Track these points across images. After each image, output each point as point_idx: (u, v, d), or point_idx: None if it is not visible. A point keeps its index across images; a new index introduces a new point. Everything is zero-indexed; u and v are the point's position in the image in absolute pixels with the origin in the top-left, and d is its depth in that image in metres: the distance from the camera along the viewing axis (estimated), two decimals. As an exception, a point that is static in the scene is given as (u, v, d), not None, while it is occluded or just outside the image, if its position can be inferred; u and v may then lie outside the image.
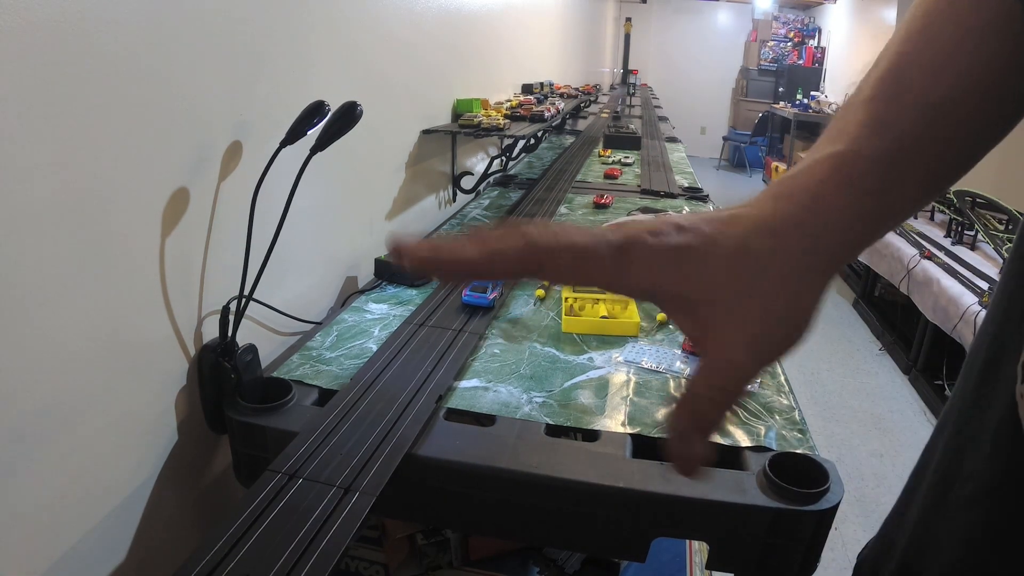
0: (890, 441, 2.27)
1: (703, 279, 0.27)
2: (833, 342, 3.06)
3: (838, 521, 1.02)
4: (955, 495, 0.39)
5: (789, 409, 0.68)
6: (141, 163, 0.57)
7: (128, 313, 0.58)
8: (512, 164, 2.03)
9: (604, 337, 0.84)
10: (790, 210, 0.28)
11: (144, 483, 0.63)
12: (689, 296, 0.28)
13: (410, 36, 1.20)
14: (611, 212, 1.49)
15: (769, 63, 8.15)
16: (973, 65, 0.30)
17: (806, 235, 0.28)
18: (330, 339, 0.81)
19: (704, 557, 0.92)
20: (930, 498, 0.42)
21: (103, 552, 0.59)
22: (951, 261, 2.54)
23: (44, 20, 0.46)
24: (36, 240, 0.48)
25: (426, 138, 1.33)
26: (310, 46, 0.85)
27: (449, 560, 0.83)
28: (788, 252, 0.28)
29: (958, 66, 0.30)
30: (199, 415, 0.70)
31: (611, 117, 3.39)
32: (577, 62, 4.17)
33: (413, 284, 0.99)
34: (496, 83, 1.99)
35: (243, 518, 0.49)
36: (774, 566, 0.55)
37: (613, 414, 0.66)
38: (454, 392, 0.70)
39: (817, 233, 0.28)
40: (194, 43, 0.62)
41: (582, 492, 0.55)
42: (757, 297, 0.27)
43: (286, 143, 0.68)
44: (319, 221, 0.92)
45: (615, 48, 7.48)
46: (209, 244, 0.68)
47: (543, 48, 2.86)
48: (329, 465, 0.55)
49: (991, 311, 0.39)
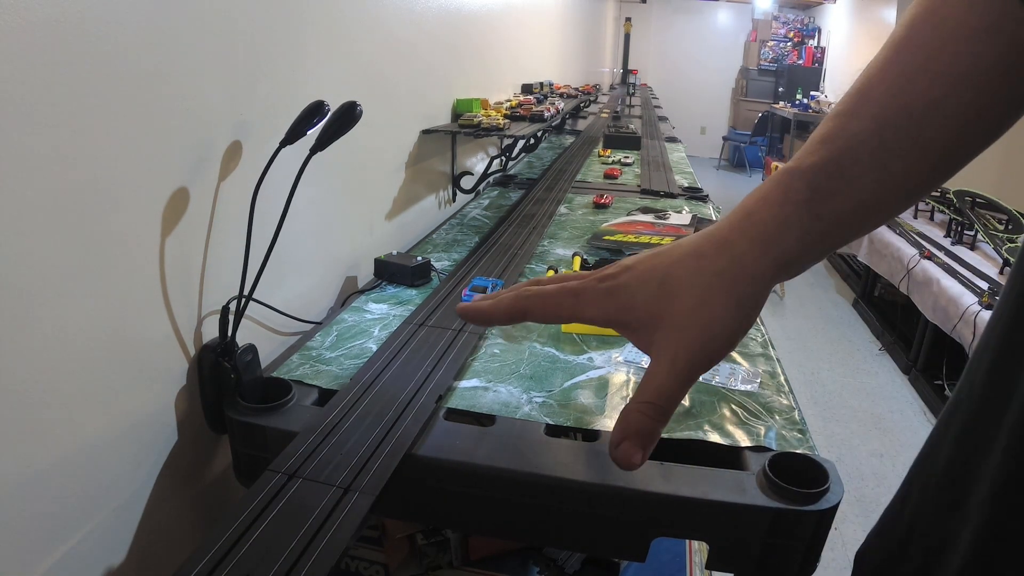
0: (890, 441, 2.27)
1: (634, 311, 0.33)
2: (833, 342, 3.06)
3: (838, 521, 1.02)
4: (971, 496, 0.38)
5: (789, 409, 0.68)
6: (141, 163, 0.57)
7: (128, 313, 0.58)
8: (512, 164, 2.03)
9: (604, 337, 0.84)
10: (722, 231, 0.32)
11: (144, 483, 0.63)
12: (629, 324, 0.34)
13: (410, 36, 1.20)
14: (611, 212, 1.49)
15: (769, 63, 8.15)
16: (953, 68, 0.30)
17: (725, 254, 0.31)
18: (330, 339, 0.81)
19: (704, 557, 0.92)
20: (944, 499, 0.41)
21: (103, 552, 0.59)
22: (951, 261, 2.54)
23: (44, 20, 0.46)
24: (36, 240, 0.48)
25: (426, 138, 1.33)
26: (310, 46, 0.85)
27: (449, 560, 0.83)
28: (706, 272, 0.31)
29: (933, 72, 0.31)
30: (199, 415, 0.70)
31: (611, 117, 3.39)
32: (577, 62, 4.16)
33: (413, 284, 0.99)
34: (496, 83, 1.99)
35: (243, 518, 0.49)
36: (774, 566, 0.55)
37: (613, 414, 0.66)
38: (454, 392, 0.70)
39: (740, 251, 0.31)
40: (194, 43, 0.62)
41: (582, 492, 0.55)
42: (675, 320, 0.31)
43: (286, 143, 0.68)
44: (319, 221, 0.92)
45: (615, 48, 7.48)
46: (209, 244, 0.68)
47: (543, 48, 2.86)
48: (329, 465, 0.55)
49: (998, 310, 0.38)
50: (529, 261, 1.12)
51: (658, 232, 1.26)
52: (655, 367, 0.32)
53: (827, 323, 3.24)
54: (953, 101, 0.30)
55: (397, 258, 1.01)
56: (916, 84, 0.31)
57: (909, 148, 0.31)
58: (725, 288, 0.31)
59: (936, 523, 0.42)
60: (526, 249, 1.16)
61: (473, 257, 1.11)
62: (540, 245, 1.21)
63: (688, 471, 0.56)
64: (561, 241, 1.26)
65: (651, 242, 1.20)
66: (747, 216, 0.32)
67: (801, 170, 0.32)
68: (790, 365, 2.76)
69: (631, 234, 1.25)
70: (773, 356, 0.80)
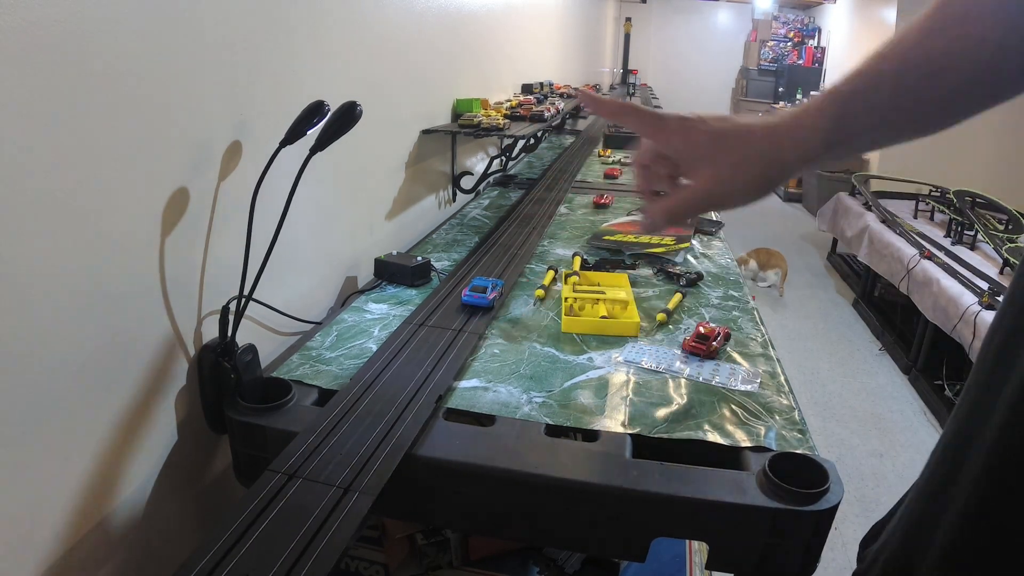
0: (890, 441, 2.27)
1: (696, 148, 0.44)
2: (833, 342, 3.05)
3: (838, 521, 1.02)
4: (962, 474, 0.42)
5: (789, 409, 0.68)
6: (141, 163, 0.57)
7: (128, 313, 0.58)
8: (512, 164, 2.03)
9: (604, 337, 0.84)
10: (774, 122, 0.43)
11: (144, 483, 0.63)
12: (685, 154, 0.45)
13: (410, 36, 1.20)
14: (611, 212, 1.49)
15: (769, 63, 8.15)
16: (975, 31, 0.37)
17: (770, 140, 0.43)
18: (330, 339, 0.81)
19: (704, 557, 0.92)
20: (938, 476, 0.45)
21: (103, 552, 0.59)
22: (951, 261, 2.54)
23: (44, 20, 0.46)
24: (36, 240, 0.48)
25: (426, 138, 1.33)
26: (310, 46, 0.85)
27: (449, 560, 0.83)
28: (752, 146, 0.43)
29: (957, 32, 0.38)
30: (199, 415, 0.70)
31: (611, 117, 3.38)
32: (577, 62, 4.16)
33: (413, 284, 0.99)
34: (496, 83, 1.99)
35: (243, 518, 0.49)
36: (774, 566, 0.55)
37: (613, 414, 0.66)
38: (454, 392, 0.70)
39: (780, 143, 0.42)
40: (194, 43, 0.62)
41: (582, 492, 0.55)
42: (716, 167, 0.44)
43: (286, 143, 0.68)
44: (319, 221, 0.92)
45: (615, 48, 7.48)
46: (209, 244, 0.68)
47: (543, 48, 2.86)
48: (329, 465, 0.55)
49: (1009, 296, 0.43)
50: (529, 261, 1.12)
51: (658, 232, 1.26)
52: (683, 190, 0.46)
53: (827, 323, 3.23)
54: (971, 56, 0.37)
55: (397, 258, 1.01)
56: (940, 37, 0.38)
57: (924, 87, 0.39)
58: (761, 163, 0.43)
59: (927, 501, 0.46)
60: (526, 249, 1.16)
61: (473, 257, 1.11)
62: (540, 245, 1.21)
63: (688, 471, 0.56)
64: (561, 241, 1.26)
65: (651, 242, 1.20)
66: (794, 119, 0.42)
67: (836, 93, 0.41)
68: (790, 365, 2.76)
69: (631, 234, 1.25)
70: (773, 356, 0.80)
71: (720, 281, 1.06)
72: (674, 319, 0.90)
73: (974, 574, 0.42)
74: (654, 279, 1.06)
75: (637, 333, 0.85)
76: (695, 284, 1.03)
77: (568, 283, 0.97)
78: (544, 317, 0.89)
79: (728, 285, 1.04)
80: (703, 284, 1.04)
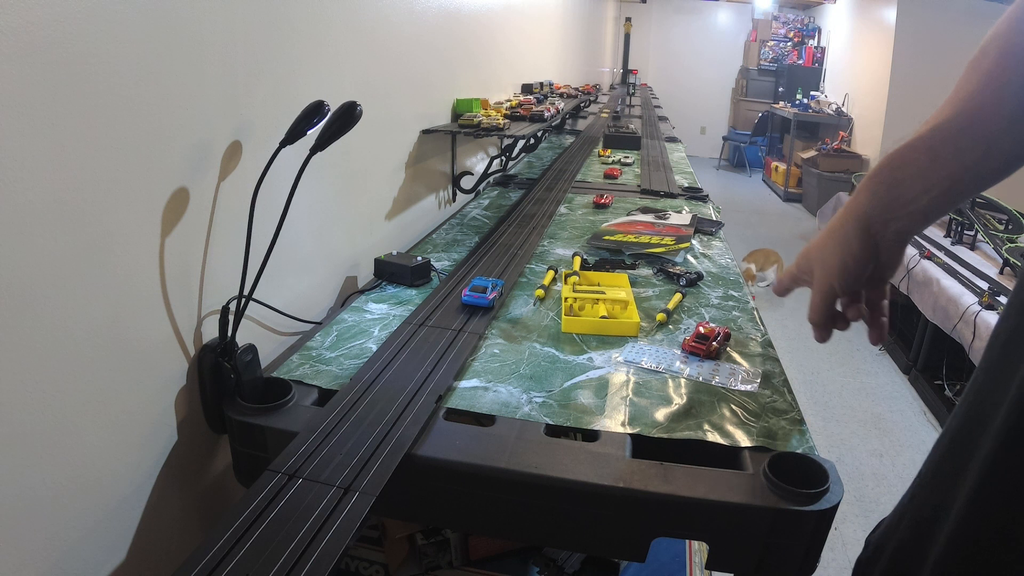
0: (890, 441, 2.27)
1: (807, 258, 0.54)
2: (833, 342, 3.05)
3: (838, 521, 1.02)
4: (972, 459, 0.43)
5: (789, 409, 0.68)
6: (141, 163, 0.57)
7: (128, 313, 0.58)
8: (512, 164, 2.03)
9: (604, 337, 0.84)
10: (842, 206, 0.51)
11: (144, 483, 0.63)
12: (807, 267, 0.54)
13: (410, 36, 1.20)
14: (611, 212, 1.49)
15: (769, 63, 8.15)
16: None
17: (835, 219, 0.51)
18: (330, 339, 0.81)
19: (704, 557, 0.92)
20: (947, 467, 0.46)
21: (103, 552, 0.59)
22: (951, 261, 2.54)
23: (44, 20, 0.46)
24: (36, 240, 0.48)
25: (426, 138, 1.33)
26: (310, 46, 0.85)
27: (449, 560, 0.83)
28: (827, 232, 0.52)
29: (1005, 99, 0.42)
30: (199, 415, 0.70)
31: (611, 117, 3.39)
32: (577, 62, 4.16)
33: (413, 284, 0.99)
34: (496, 83, 1.99)
35: (243, 518, 0.49)
36: (774, 566, 0.55)
37: (613, 414, 0.66)
38: (454, 392, 0.70)
39: (841, 217, 0.50)
40: (194, 43, 0.62)
41: (582, 492, 0.55)
42: (824, 253, 0.52)
43: (286, 143, 0.68)
44: (319, 221, 0.92)
45: (615, 48, 7.48)
46: (209, 244, 0.68)
47: (543, 48, 2.86)
48: (329, 465, 0.55)
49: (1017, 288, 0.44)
50: (529, 261, 1.12)
51: (658, 232, 1.26)
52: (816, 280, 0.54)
53: (827, 323, 3.24)
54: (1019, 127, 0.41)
55: (397, 258, 1.01)
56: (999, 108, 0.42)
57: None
58: (833, 239, 0.51)
59: (935, 491, 0.47)
60: (526, 249, 1.16)
61: (473, 257, 1.11)
62: (540, 245, 1.21)
63: (688, 471, 0.56)
64: (561, 241, 1.26)
65: (651, 242, 1.20)
66: (854, 193, 0.50)
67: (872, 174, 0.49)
68: (790, 365, 2.76)
69: (631, 234, 1.25)
70: (773, 356, 0.80)
71: (720, 281, 1.06)
72: (674, 319, 0.90)
73: (987, 560, 0.42)
74: (654, 279, 1.06)
75: (637, 333, 0.85)
76: (695, 284, 1.03)
77: (568, 283, 0.97)
78: (544, 317, 0.89)
79: (728, 285, 1.04)
80: (703, 284, 1.04)
